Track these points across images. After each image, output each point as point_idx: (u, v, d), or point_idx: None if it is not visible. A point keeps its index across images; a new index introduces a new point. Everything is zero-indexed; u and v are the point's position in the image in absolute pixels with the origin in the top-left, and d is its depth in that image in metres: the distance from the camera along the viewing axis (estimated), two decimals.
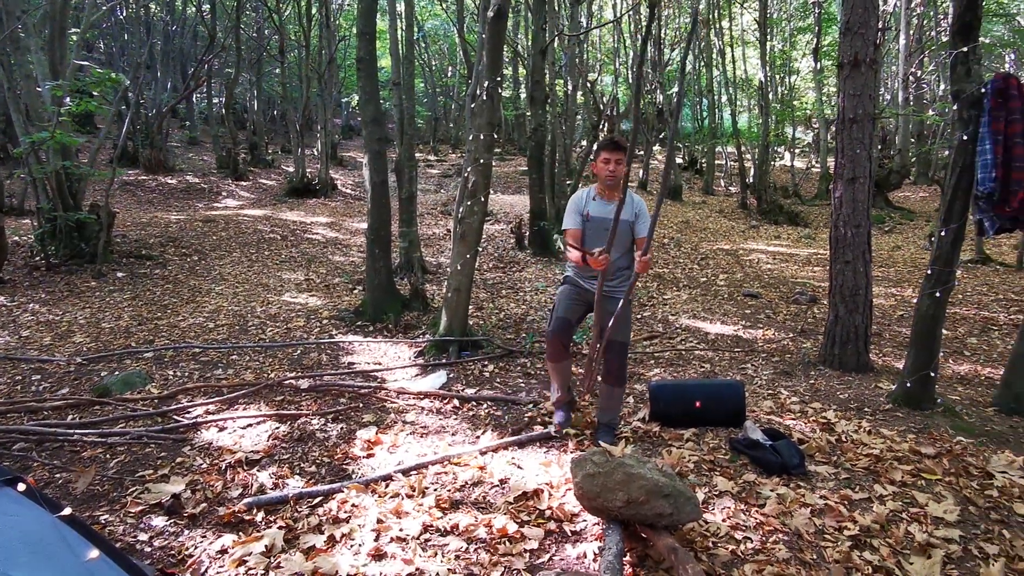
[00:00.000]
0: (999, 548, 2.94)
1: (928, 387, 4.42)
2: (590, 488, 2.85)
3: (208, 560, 2.90)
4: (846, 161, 5.18)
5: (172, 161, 18.47)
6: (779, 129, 24.77)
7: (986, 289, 9.08)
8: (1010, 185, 3.73)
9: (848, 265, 5.25)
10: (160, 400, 4.60)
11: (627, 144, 3.44)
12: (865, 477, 3.60)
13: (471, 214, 5.27)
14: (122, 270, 8.63)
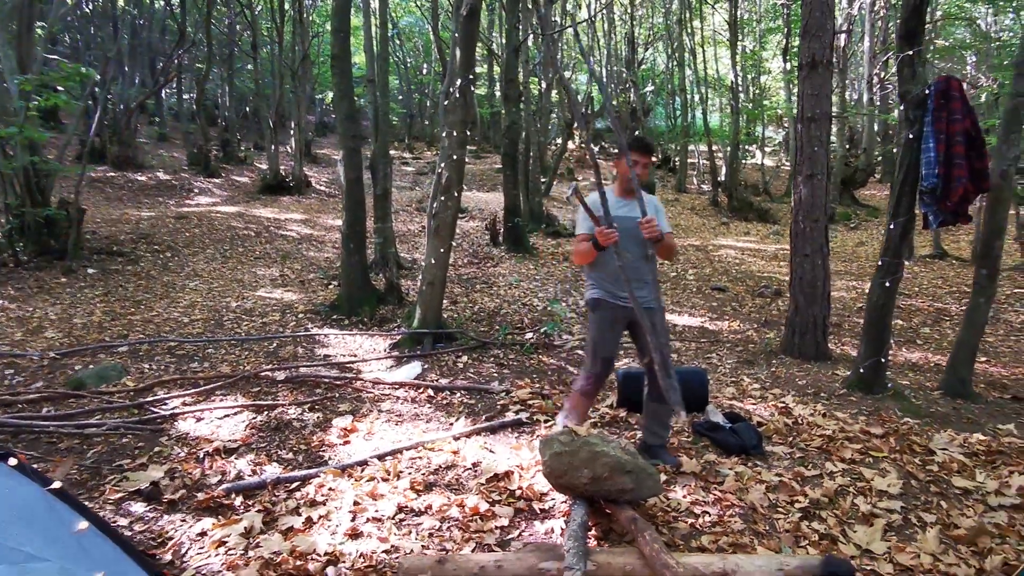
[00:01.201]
0: (936, 517, 3.16)
1: (879, 373, 4.67)
2: (557, 466, 2.99)
3: (188, 542, 2.98)
4: (805, 159, 5.42)
5: (141, 158, 18.19)
6: (750, 128, 25.28)
7: (941, 282, 9.47)
8: (951, 181, 3.97)
9: (807, 258, 5.49)
10: (136, 392, 4.64)
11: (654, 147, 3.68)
12: (818, 456, 3.81)
13: (444, 209, 5.39)
14: (93, 266, 8.56)
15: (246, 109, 30.23)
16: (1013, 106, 4.27)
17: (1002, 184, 4.30)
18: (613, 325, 3.35)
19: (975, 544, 2.93)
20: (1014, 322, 7.42)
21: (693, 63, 22.21)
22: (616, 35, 23.88)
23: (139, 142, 19.15)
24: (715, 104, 29.49)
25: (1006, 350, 6.41)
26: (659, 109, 29.28)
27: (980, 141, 3.98)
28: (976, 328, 4.57)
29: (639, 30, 24.25)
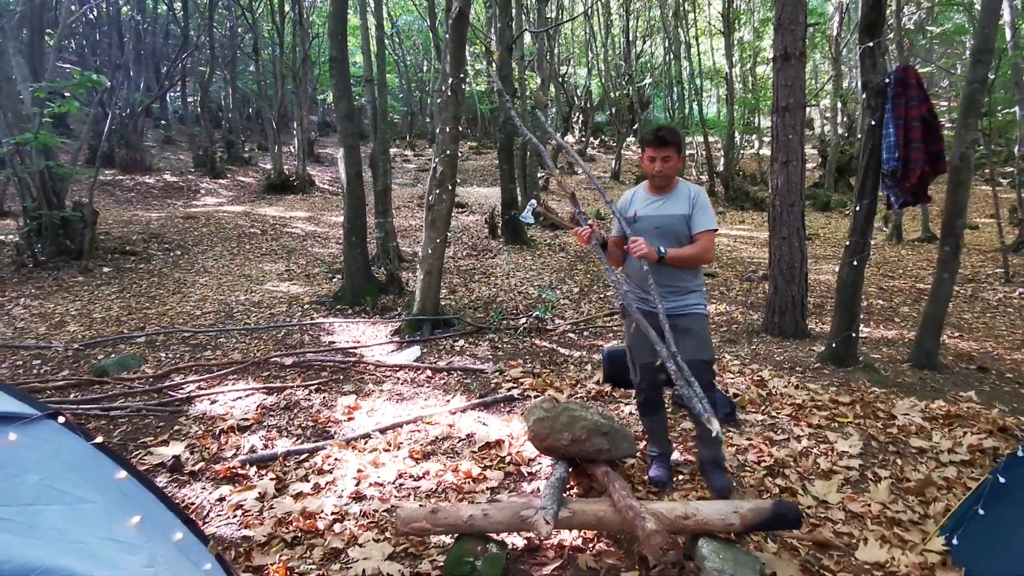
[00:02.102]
0: (890, 472, 3.46)
1: (850, 346, 4.95)
2: (540, 430, 3.30)
3: (209, 506, 3.32)
4: (780, 146, 5.70)
5: (149, 161, 18.58)
6: (748, 118, 25.43)
7: (925, 263, 9.72)
8: (910, 164, 4.24)
9: (785, 240, 5.76)
10: (155, 378, 4.97)
11: (676, 138, 2.89)
12: (787, 422, 4.11)
13: (440, 201, 5.70)
14: (108, 265, 8.91)
15: (249, 111, 30.58)
16: (970, 92, 4.54)
17: (961, 166, 4.57)
18: (638, 335, 2.98)
19: (923, 494, 3.22)
20: (991, 300, 7.69)
21: (689, 55, 22.40)
22: (613, 28, 24.07)
23: (146, 145, 19.52)
24: (713, 95, 29.63)
25: (980, 326, 6.68)
26: (658, 101, 29.45)
27: (936, 125, 4.25)
28: (941, 302, 4.84)
29: (636, 23, 24.45)
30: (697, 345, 2.92)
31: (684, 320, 2.93)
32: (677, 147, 2.90)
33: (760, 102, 22.97)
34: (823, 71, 24.68)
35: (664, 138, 2.87)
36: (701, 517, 2.59)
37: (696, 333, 2.93)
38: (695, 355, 2.87)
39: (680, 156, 2.94)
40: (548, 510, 2.47)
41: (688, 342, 2.88)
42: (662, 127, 2.97)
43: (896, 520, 2.99)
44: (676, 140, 2.90)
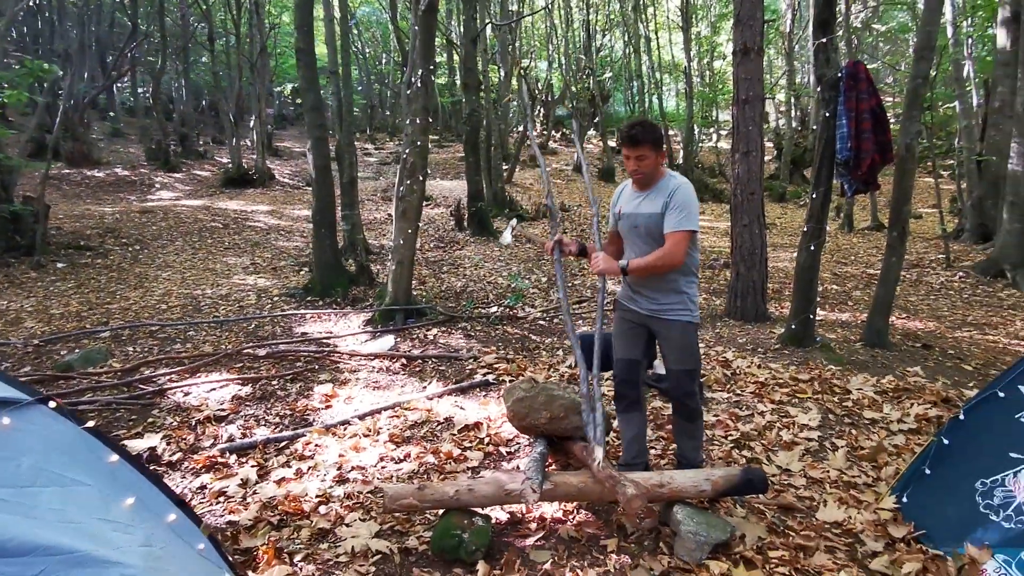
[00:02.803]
0: (846, 441, 3.70)
1: (808, 328, 5.21)
2: (519, 410, 3.41)
3: (190, 494, 3.33)
4: (741, 137, 5.93)
5: (97, 154, 17.93)
6: (706, 112, 25.99)
7: (875, 251, 10.20)
8: (861, 153, 4.50)
9: (746, 228, 6.00)
10: (123, 372, 4.90)
11: (651, 136, 2.68)
12: (751, 399, 4.33)
13: (411, 192, 5.74)
14: (61, 261, 8.65)
15: (203, 103, 29.76)
16: (914, 86, 4.82)
17: (907, 156, 4.86)
18: (627, 326, 2.98)
19: (875, 460, 3.46)
20: (934, 284, 8.15)
21: (648, 49, 22.75)
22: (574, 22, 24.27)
23: (92, 138, 18.85)
24: (672, 89, 30.18)
25: (925, 307, 7.08)
26: (618, 95, 29.83)
27: (883, 117, 4.51)
28: (890, 285, 5.13)
29: (595, 17, 24.68)
30: (678, 354, 2.82)
31: (665, 326, 2.82)
32: (653, 143, 2.68)
33: (717, 96, 23.53)
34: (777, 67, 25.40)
35: (635, 136, 2.66)
36: (676, 485, 2.74)
37: (676, 341, 2.80)
38: (674, 364, 2.84)
39: (659, 152, 2.71)
40: (534, 480, 2.59)
41: (669, 350, 2.84)
42: (635, 123, 2.75)
43: (852, 484, 3.22)
44: (650, 137, 2.68)
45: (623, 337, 3.02)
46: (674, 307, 2.81)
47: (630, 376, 3.03)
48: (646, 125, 2.75)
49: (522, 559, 2.63)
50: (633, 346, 3.00)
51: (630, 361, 3.01)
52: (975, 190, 10.36)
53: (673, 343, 2.84)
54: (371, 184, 16.96)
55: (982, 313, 6.80)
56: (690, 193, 2.71)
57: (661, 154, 2.76)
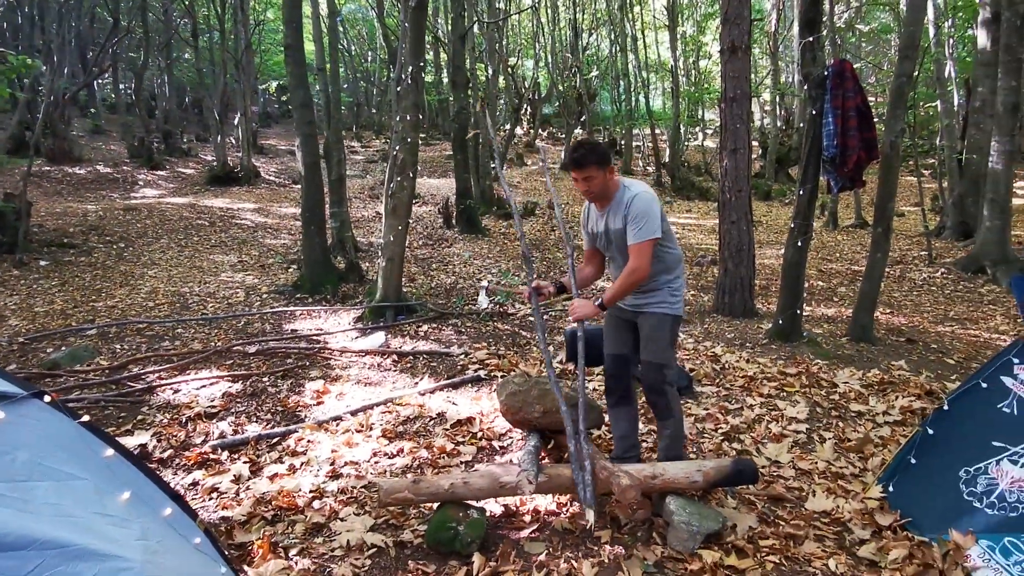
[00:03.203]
0: (833, 433, 3.76)
1: (796, 323, 5.28)
2: (513, 404, 3.43)
3: (183, 490, 3.31)
4: (729, 135, 5.99)
5: (78, 151, 17.69)
6: (692, 111, 26.16)
7: (859, 247, 10.34)
8: (847, 150, 4.57)
9: (734, 224, 6.07)
10: (112, 370, 4.86)
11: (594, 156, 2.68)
12: (740, 393, 4.39)
13: (401, 189, 5.74)
14: (44, 259, 8.54)
15: (186, 100, 29.44)
16: (898, 85, 4.91)
17: (890, 153, 4.94)
18: (615, 323, 3.04)
19: (862, 451, 3.53)
20: (917, 280, 8.29)
21: (635, 48, 22.85)
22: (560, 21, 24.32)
23: (73, 135, 18.60)
24: (658, 88, 30.33)
25: (908, 303, 7.21)
26: (604, 94, 29.92)
27: (869, 115, 4.58)
28: (874, 280, 5.22)
29: (582, 16, 24.75)
30: (648, 344, 2.87)
31: (643, 319, 2.88)
32: (597, 164, 2.67)
33: (704, 95, 23.69)
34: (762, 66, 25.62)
35: (578, 160, 2.68)
36: (668, 476, 2.78)
37: (647, 331, 2.86)
38: (645, 355, 2.89)
39: (604, 170, 2.70)
40: (530, 471, 2.61)
41: (643, 341, 2.90)
42: (577, 146, 2.75)
43: (839, 474, 3.28)
44: (593, 159, 2.67)
45: (612, 332, 3.08)
46: (654, 301, 2.86)
47: (618, 371, 3.07)
48: (588, 146, 2.74)
49: (517, 551, 2.66)
50: (621, 342, 3.04)
51: (618, 356, 3.06)
52: (956, 188, 10.55)
53: (644, 333, 2.89)
54: (358, 182, 16.90)
55: (964, 308, 6.94)
56: (646, 201, 2.69)
57: (609, 170, 2.74)
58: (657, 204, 2.72)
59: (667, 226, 2.82)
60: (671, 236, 2.87)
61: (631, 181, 2.82)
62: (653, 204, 2.70)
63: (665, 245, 2.82)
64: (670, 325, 2.88)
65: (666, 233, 2.80)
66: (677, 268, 2.91)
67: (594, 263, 3.13)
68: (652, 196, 2.73)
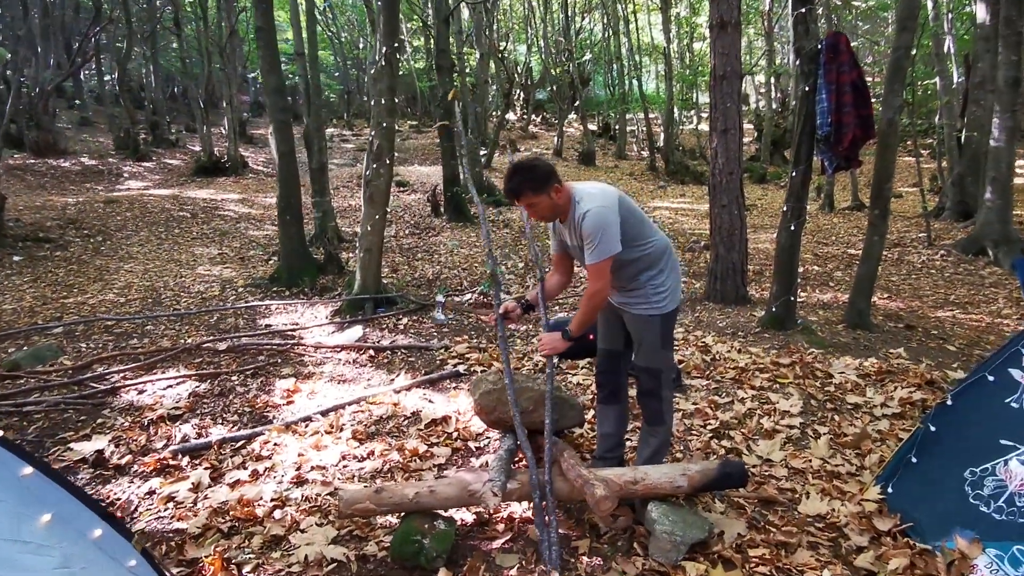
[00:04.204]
0: (828, 428, 3.56)
1: (789, 310, 5.07)
2: (487, 403, 3.23)
3: (137, 500, 3.11)
4: (719, 114, 5.74)
5: (63, 143, 17.36)
6: (686, 94, 25.82)
7: (855, 230, 10.11)
8: (842, 128, 4.33)
9: (724, 208, 5.84)
10: (75, 370, 4.64)
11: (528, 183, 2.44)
12: (731, 385, 4.18)
13: (377, 176, 5.50)
14: (18, 254, 8.29)
15: (174, 89, 28.99)
16: (896, 59, 4.66)
17: (888, 131, 4.70)
18: (608, 317, 2.81)
19: (859, 447, 3.32)
20: (915, 262, 8.07)
21: (628, 31, 22.47)
22: (552, 4, 23.90)
23: (59, 127, 18.26)
24: (652, 71, 29.92)
25: (906, 287, 6.99)
26: (598, 78, 29.53)
27: (865, 91, 4.34)
28: (872, 263, 5.00)
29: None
30: (641, 351, 2.70)
31: (629, 320, 2.70)
32: (533, 190, 2.44)
33: (698, 77, 23.36)
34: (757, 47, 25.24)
35: (512, 191, 2.47)
36: (649, 481, 2.58)
37: (636, 336, 2.70)
38: (637, 360, 2.73)
39: (544, 194, 2.46)
40: (496, 482, 2.40)
41: (636, 345, 2.72)
42: (511, 175, 2.49)
43: (835, 473, 3.08)
44: (527, 187, 2.44)
45: (604, 326, 2.87)
46: (636, 301, 2.63)
47: (609, 367, 2.89)
48: (521, 173, 2.46)
49: (487, 564, 2.46)
50: (613, 336, 2.84)
51: (609, 351, 2.87)
52: (956, 167, 10.30)
53: (634, 335, 2.71)
54: (347, 171, 16.63)
55: (964, 291, 6.73)
56: (595, 218, 2.39)
57: (552, 190, 2.47)
58: (611, 214, 2.41)
59: (637, 222, 2.53)
60: (647, 230, 2.59)
61: (584, 191, 2.50)
62: (605, 217, 2.40)
63: (639, 244, 2.55)
64: (659, 325, 2.64)
65: (635, 234, 2.51)
66: (661, 260, 2.63)
67: (562, 269, 2.89)
68: (604, 208, 2.40)
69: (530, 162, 2.53)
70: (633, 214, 2.54)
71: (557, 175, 2.52)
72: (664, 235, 2.74)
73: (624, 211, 2.48)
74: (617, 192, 2.55)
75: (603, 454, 2.99)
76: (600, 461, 2.99)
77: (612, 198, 2.47)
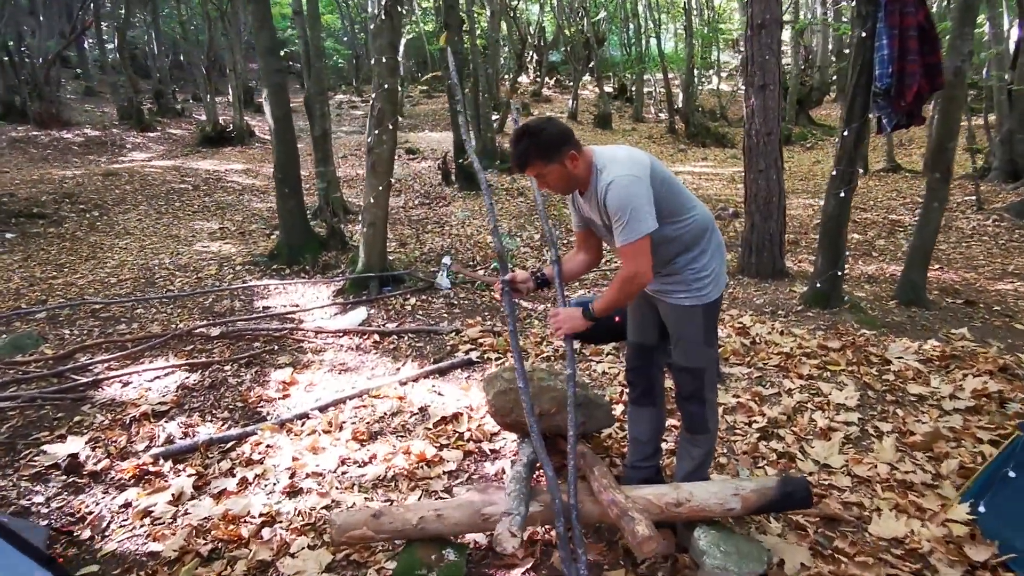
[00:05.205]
0: (892, 426, 3.11)
1: (836, 286, 4.58)
2: (502, 405, 2.82)
3: (110, 515, 2.77)
4: (756, 68, 5.16)
5: (67, 114, 16.98)
6: (706, 53, 24.74)
7: (895, 194, 9.48)
8: (905, 79, 3.77)
9: (761, 173, 5.31)
10: (55, 360, 4.30)
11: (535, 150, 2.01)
12: (776, 374, 3.73)
13: (380, 143, 5.02)
14: (11, 231, 7.96)
15: (180, 57, 28.35)
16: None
17: (955, 82, 4.13)
18: (640, 306, 2.39)
19: (931, 449, 2.88)
20: (965, 229, 7.46)
21: None
22: None
23: (67, 98, 17.86)
24: (670, 29, 28.72)
25: (958, 256, 6.42)
26: (613, 38, 28.40)
27: (933, 35, 3.76)
28: (929, 233, 4.48)
29: None
30: (679, 348, 2.25)
31: (664, 310, 2.26)
32: (542, 158, 2.03)
33: (719, 34, 22.31)
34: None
35: (517, 161, 2.07)
36: (696, 503, 2.17)
37: (673, 330, 2.26)
38: (676, 358, 2.28)
39: (556, 162, 2.03)
40: (515, 518, 1.98)
41: (674, 341, 2.27)
42: (515, 140, 2.07)
43: (907, 483, 2.64)
44: (534, 155, 2.03)
45: (634, 316, 2.44)
46: (672, 289, 2.19)
47: (640, 363, 2.45)
48: (526, 138, 2.02)
49: None
50: (645, 328, 2.40)
51: (640, 346, 2.44)
52: (1005, 124, 9.54)
53: (670, 329, 2.27)
54: (356, 138, 16.10)
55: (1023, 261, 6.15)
56: (622, 191, 1.96)
57: (567, 157, 2.03)
58: (641, 183, 1.96)
59: (673, 194, 2.08)
60: (685, 203, 2.12)
61: (607, 157, 2.05)
62: (632, 188, 1.95)
63: (676, 221, 2.09)
64: (701, 317, 2.17)
65: (671, 208, 2.07)
66: (703, 240, 2.16)
67: (587, 247, 2.40)
68: (632, 177, 1.96)
69: (539, 124, 2.03)
70: (668, 184, 2.06)
71: (573, 139, 2.04)
72: (705, 208, 2.25)
73: (658, 180, 2.01)
74: (648, 157, 2.07)
75: (637, 462, 2.57)
76: (633, 471, 2.57)
77: (642, 164, 2.01)
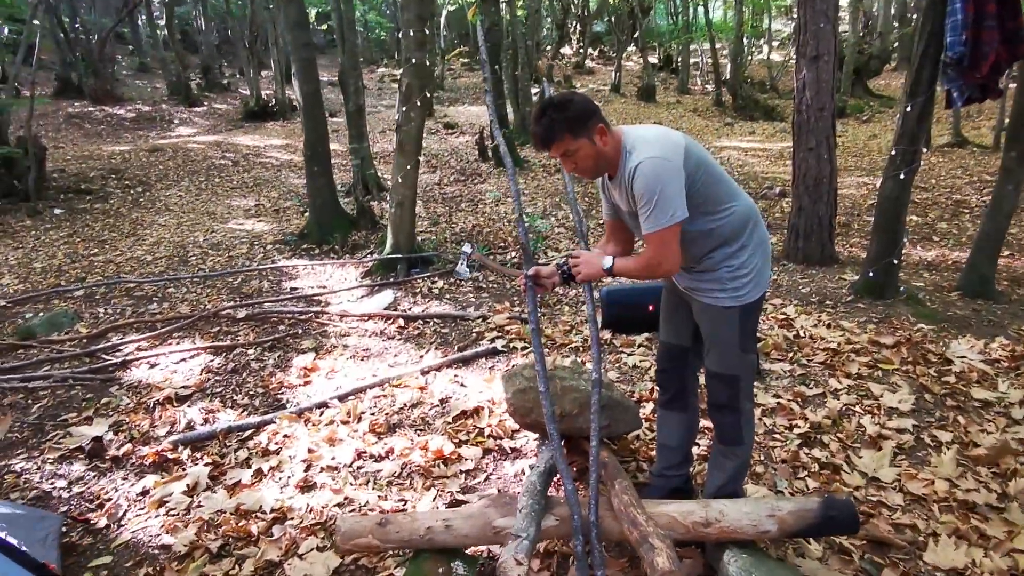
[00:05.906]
0: (952, 435, 2.83)
1: (891, 275, 4.24)
2: (522, 404, 2.67)
3: (127, 503, 2.75)
4: (809, 37, 4.77)
5: (120, 90, 17.37)
6: (756, 21, 23.60)
7: (960, 172, 8.83)
8: (980, 47, 3.38)
9: (811, 152, 4.94)
10: (88, 339, 4.34)
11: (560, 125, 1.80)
12: (821, 372, 3.47)
13: (408, 121, 4.86)
14: (60, 206, 8.15)
15: (227, 32, 28.62)
16: None
17: None
18: (672, 302, 2.22)
19: (997, 465, 2.60)
20: None
21: None
22: None
23: (119, 73, 18.24)
24: None
25: None
26: (659, 6, 27.38)
27: None
28: (1002, 218, 4.10)
29: None
30: (713, 352, 2.05)
31: (697, 310, 2.07)
32: (571, 132, 1.81)
33: (770, 2, 21.22)
34: None
35: (541, 137, 1.86)
36: (726, 524, 1.98)
37: (706, 332, 2.06)
38: (708, 363, 2.08)
39: (585, 137, 1.82)
40: (521, 543, 1.83)
41: (707, 344, 2.07)
42: (539, 115, 1.85)
43: (969, 504, 2.39)
44: (561, 129, 1.82)
45: (667, 315, 2.26)
46: (706, 287, 1.98)
47: (672, 364, 2.27)
48: (552, 112, 1.80)
49: None
50: (678, 328, 2.21)
51: (672, 346, 2.25)
52: None
53: (704, 330, 2.07)
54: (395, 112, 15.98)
55: None
56: (650, 174, 1.76)
57: (596, 132, 1.82)
58: (669, 167, 1.76)
59: (712, 181, 1.85)
60: (724, 192, 1.89)
61: (637, 136, 1.84)
62: (661, 171, 1.75)
63: (713, 212, 1.87)
64: (738, 320, 1.95)
65: (709, 197, 1.85)
66: (744, 233, 1.92)
67: (617, 238, 2.18)
68: (662, 160, 1.76)
69: (564, 96, 1.83)
70: (706, 169, 1.84)
71: (601, 114, 1.84)
72: (748, 197, 2.01)
73: (693, 165, 1.80)
74: (684, 139, 1.84)
75: (663, 471, 2.39)
76: (660, 479, 2.39)
77: (675, 146, 1.80)
